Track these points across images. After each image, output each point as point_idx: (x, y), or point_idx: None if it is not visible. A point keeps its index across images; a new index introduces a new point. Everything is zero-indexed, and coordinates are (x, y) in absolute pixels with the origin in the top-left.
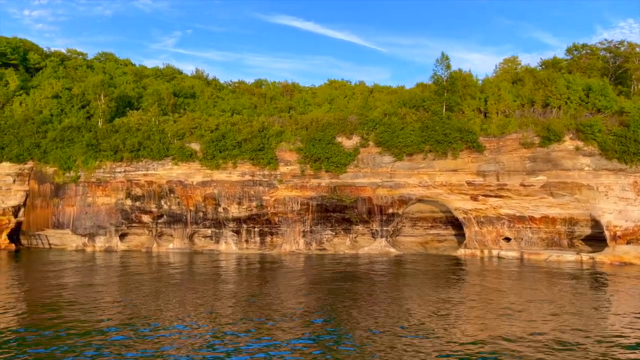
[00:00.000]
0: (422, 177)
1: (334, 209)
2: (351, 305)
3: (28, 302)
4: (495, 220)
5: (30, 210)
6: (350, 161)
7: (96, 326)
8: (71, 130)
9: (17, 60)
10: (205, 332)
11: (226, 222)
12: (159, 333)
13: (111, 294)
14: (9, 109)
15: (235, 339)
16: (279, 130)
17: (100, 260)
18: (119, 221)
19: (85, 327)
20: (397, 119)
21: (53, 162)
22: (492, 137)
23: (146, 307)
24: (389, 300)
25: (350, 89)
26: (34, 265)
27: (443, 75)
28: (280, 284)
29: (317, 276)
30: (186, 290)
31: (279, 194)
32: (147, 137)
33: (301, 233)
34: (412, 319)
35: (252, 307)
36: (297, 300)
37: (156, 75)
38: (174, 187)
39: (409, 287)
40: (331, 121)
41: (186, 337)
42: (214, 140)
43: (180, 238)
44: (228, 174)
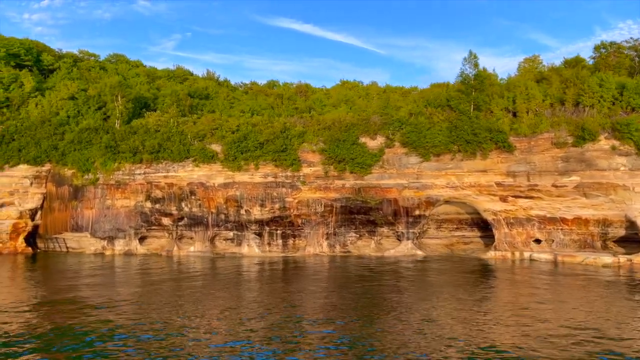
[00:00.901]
0: (449, 178)
1: (359, 210)
2: (387, 314)
3: (50, 305)
4: (526, 221)
5: (48, 213)
6: (375, 162)
7: (121, 332)
8: (89, 132)
9: (31, 62)
10: (235, 343)
11: (248, 224)
12: (185, 342)
13: (137, 299)
14: (24, 111)
15: (264, 345)
16: (301, 131)
17: (121, 263)
18: (138, 224)
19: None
20: (423, 118)
21: (71, 165)
22: (523, 136)
23: (173, 313)
24: (424, 308)
25: (364, 89)
26: (53, 268)
27: (470, 74)
28: (308, 288)
29: (347, 279)
30: (215, 297)
31: (302, 195)
32: (166, 138)
33: (325, 235)
34: (456, 340)
35: (280, 314)
36: (328, 303)
37: (168, 76)
38: (195, 189)
39: (445, 293)
40: (354, 121)
41: (213, 346)
42: (235, 142)
43: (201, 241)
44: (250, 176)
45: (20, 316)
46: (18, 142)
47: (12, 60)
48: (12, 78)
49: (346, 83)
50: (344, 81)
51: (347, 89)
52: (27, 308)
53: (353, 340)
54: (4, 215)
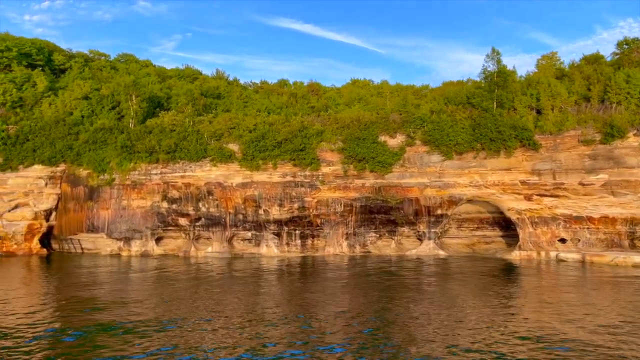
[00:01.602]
0: (472, 177)
1: (379, 210)
2: (422, 321)
3: (70, 311)
4: (551, 220)
5: (63, 214)
6: (396, 160)
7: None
8: (103, 132)
9: (43, 62)
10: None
11: (267, 224)
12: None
13: (162, 305)
14: (38, 111)
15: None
16: (320, 130)
17: (140, 266)
18: (155, 224)
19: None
20: (445, 116)
21: (86, 165)
22: (549, 134)
23: (199, 318)
24: (457, 315)
25: (375, 88)
26: (70, 270)
27: (494, 71)
28: (337, 291)
29: (374, 281)
30: (246, 304)
31: (321, 195)
32: (182, 138)
33: (344, 235)
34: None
35: (298, 321)
36: (355, 309)
37: (179, 75)
38: (213, 188)
39: (477, 298)
40: (373, 120)
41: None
42: (253, 141)
43: (219, 241)
44: (268, 175)
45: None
46: (32, 142)
47: (24, 60)
48: (24, 78)
49: (357, 82)
50: (355, 80)
51: (358, 87)
52: (48, 317)
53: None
54: (19, 216)
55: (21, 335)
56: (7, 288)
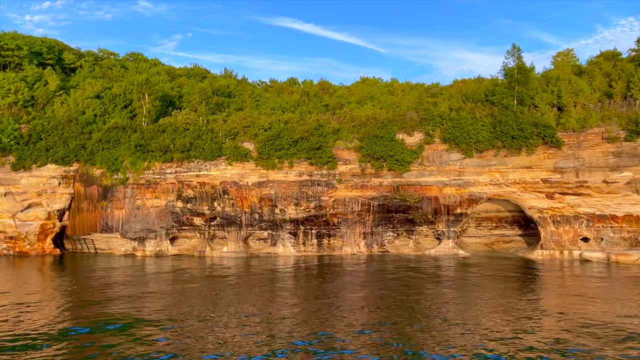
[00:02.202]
0: (493, 175)
1: (397, 209)
2: (462, 325)
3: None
4: (573, 219)
5: (76, 214)
6: (414, 159)
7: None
8: (116, 131)
9: (53, 60)
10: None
11: (283, 223)
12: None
13: (186, 309)
14: (50, 110)
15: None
16: (336, 128)
17: (156, 265)
18: (169, 224)
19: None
20: (465, 114)
21: (100, 164)
22: (571, 131)
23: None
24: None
25: (386, 86)
26: (86, 272)
27: (514, 67)
28: (368, 294)
29: (403, 283)
30: (271, 310)
31: (338, 194)
32: (196, 136)
33: (362, 235)
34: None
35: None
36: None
37: (188, 74)
38: (228, 188)
39: (507, 300)
40: (390, 117)
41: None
42: (269, 139)
43: (235, 241)
44: (285, 174)
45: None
46: (45, 141)
47: (35, 58)
48: (36, 77)
49: (366, 80)
50: (364, 78)
51: (368, 85)
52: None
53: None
54: (32, 216)
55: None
56: (25, 291)
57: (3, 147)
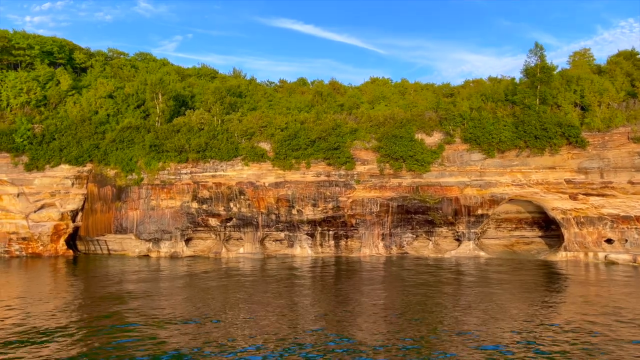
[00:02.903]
0: (515, 175)
1: (416, 210)
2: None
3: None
4: (597, 220)
5: (89, 215)
6: (434, 159)
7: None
8: (130, 131)
9: (64, 60)
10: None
11: (300, 224)
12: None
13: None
14: (62, 109)
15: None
16: (353, 128)
17: (174, 267)
18: (184, 225)
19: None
20: (486, 113)
21: (114, 164)
22: (596, 131)
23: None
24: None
25: (396, 86)
26: (103, 275)
27: (536, 66)
28: (410, 300)
29: (429, 289)
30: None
31: (356, 194)
32: (212, 136)
33: (380, 236)
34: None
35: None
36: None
37: (198, 74)
38: (245, 188)
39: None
40: (409, 117)
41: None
42: (285, 139)
43: (251, 242)
44: (302, 175)
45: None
46: (59, 141)
47: (46, 58)
48: (48, 76)
49: (376, 80)
50: (374, 78)
51: (378, 85)
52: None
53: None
54: (45, 216)
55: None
56: (41, 298)
57: (16, 147)
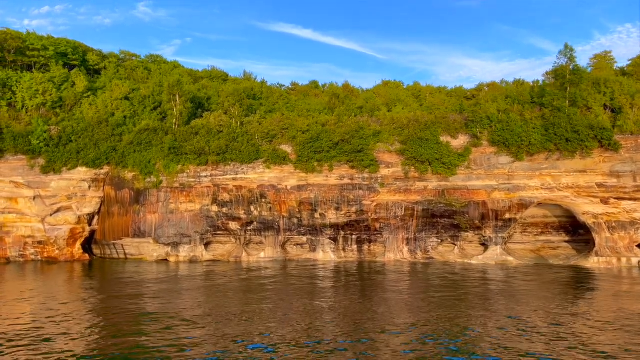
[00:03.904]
0: (544, 179)
1: (442, 214)
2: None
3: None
4: (629, 225)
5: (106, 218)
6: (461, 162)
7: None
8: (148, 133)
9: (78, 62)
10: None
11: (323, 228)
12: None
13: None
14: (78, 111)
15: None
16: (377, 130)
17: (197, 272)
18: (204, 229)
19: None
20: (514, 115)
21: (132, 167)
22: (629, 134)
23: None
24: None
25: (410, 89)
26: (124, 281)
27: (566, 67)
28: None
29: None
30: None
31: (380, 198)
32: (232, 139)
33: (404, 240)
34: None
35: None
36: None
37: (210, 77)
38: (266, 191)
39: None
40: (433, 119)
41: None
42: (308, 142)
43: (272, 246)
44: (325, 178)
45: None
46: (76, 143)
47: (61, 59)
48: (63, 78)
49: (388, 83)
50: (386, 81)
51: (391, 88)
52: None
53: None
54: (62, 220)
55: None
56: (64, 311)
57: (32, 149)
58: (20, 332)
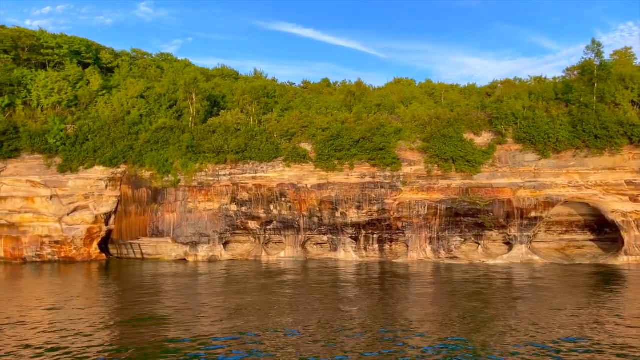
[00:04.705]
0: (572, 177)
1: (466, 213)
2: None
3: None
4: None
5: (122, 218)
6: (486, 159)
7: None
8: (164, 131)
9: (92, 60)
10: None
11: (344, 228)
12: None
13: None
14: (93, 110)
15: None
16: (398, 128)
17: (220, 271)
18: (223, 228)
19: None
20: (541, 112)
21: (149, 166)
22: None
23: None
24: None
25: (423, 87)
26: (145, 283)
27: (593, 62)
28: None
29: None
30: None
31: (403, 197)
32: (250, 137)
33: (427, 239)
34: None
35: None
36: None
37: (222, 75)
38: (286, 190)
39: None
40: (456, 117)
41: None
42: (328, 140)
43: (292, 246)
44: (345, 176)
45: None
46: (93, 142)
47: (74, 57)
48: (78, 76)
49: (401, 80)
50: (398, 79)
51: (404, 86)
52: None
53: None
54: (79, 219)
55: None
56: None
57: (49, 148)
58: (52, 340)
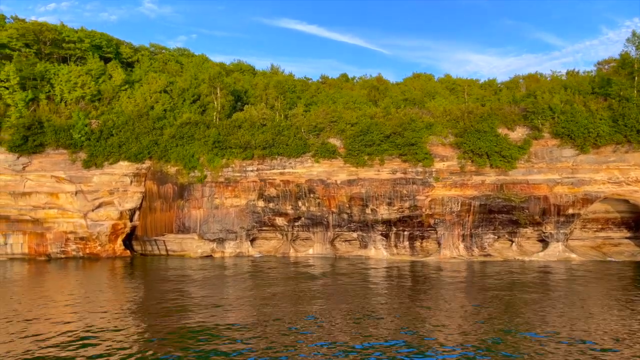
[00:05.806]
0: (612, 172)
1: (500, 209)
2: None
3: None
4: None
5: (147, 214)
6: (521, 155)
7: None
8: (189, 126)
9: (112, 54)
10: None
11: (374, 224)
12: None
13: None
14: (117, 105)
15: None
16: (429, 123)
17: (253, 268)
18: (250, 224)
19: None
20: (578, 106)
21: (175, 161)
22: None
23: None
24: None
25: (443, 81)
26: (173, 280)
27: (635, 56)
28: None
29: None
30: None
31: (435, 193)
32: (277, 132)
33: (460, 237)
34: None
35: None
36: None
37: (240, 70)
38: (315, 186)
39: None
40: (489, 111)
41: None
42: (358, 135)
43: (321, 242)
44: (376, 172)
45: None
46: (117, 137)
47: (96, 52)
48: (100, 70)
49: (420, 75)
50: (417, 74)
51: (423, 81)
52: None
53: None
54: (103, 215)
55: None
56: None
57: (74, 143)
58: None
